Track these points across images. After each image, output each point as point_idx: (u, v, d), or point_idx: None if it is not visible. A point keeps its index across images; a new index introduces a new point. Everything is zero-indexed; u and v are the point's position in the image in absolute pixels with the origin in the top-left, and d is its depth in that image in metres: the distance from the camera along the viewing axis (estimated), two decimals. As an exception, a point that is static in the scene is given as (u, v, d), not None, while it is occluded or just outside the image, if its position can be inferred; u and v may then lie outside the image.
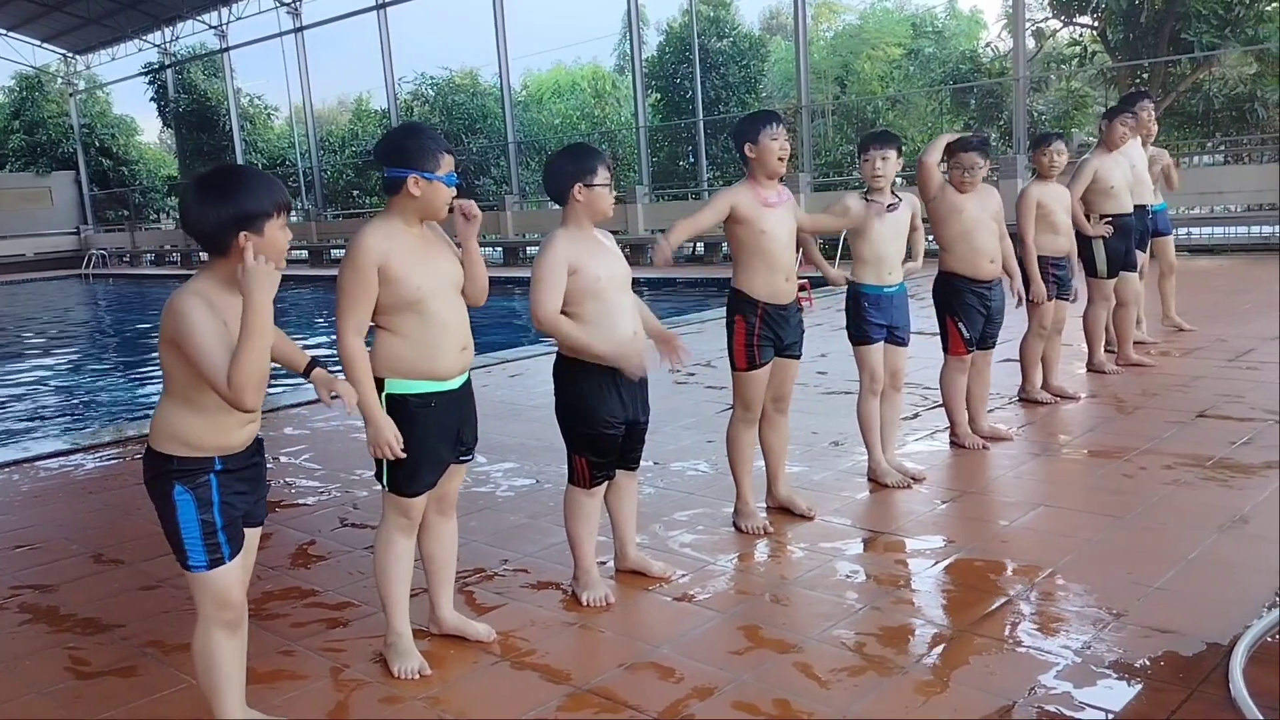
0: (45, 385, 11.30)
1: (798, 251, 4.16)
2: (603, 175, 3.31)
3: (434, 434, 2.95)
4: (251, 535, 2.59)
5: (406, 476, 2.97)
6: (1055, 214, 5.77)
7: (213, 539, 2.42)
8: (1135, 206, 6.55)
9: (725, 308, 4.10)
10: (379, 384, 2.91)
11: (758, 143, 3.92)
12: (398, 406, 2.91)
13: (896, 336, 4.61)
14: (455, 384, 2.98)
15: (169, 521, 2.42)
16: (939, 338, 5.20)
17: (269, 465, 5.51)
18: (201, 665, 2.54)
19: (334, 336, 2.92)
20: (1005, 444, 5.16)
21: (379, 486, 3.05)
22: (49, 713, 2.97)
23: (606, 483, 3.53)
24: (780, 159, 3.93)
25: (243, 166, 2.51)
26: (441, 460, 3.01)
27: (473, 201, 3.03)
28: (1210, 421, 5.30)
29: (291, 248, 2.65)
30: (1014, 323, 6.14)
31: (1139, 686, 2.74)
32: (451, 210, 2.99)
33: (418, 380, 2.91)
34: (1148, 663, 2.85)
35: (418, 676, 3.00)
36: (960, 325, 5.05)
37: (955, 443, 5.17)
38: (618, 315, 3.32)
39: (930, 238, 5.17)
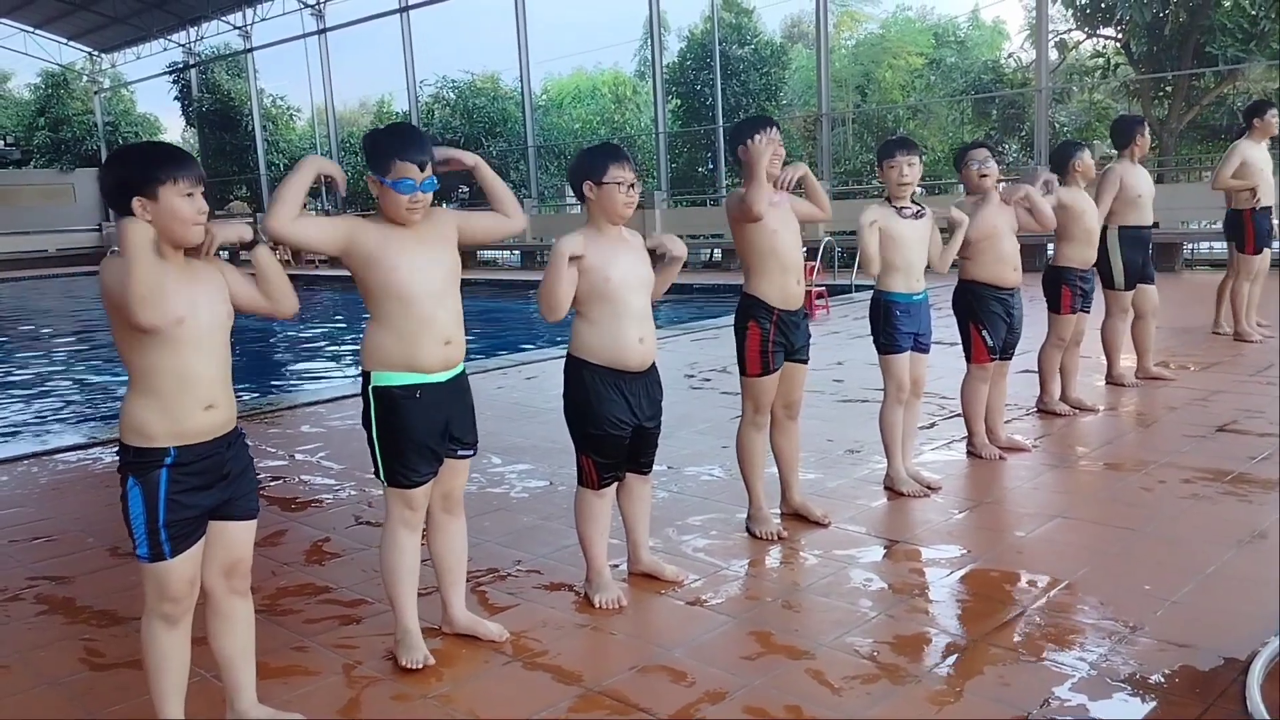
0: (64, 379, 11.38)
1: (807, 256, 4.15)
2: (613, 174, 3.27)
3: (420, 425, 2.96)
4: (240, 529, 2.59)
5: (400, 468, 2.99)
6: (1084, 222, 5.74)
7: (155, 534, 2.41)
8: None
9: (735, 313, 4.09)
10: (366, 378, 2.96)
11: (748, 147, 3.91)
12: (383, 398, 2.94)
13: (921, 344, 4.59)
14: (441, 377, 2.98)
15: (122, 509, 2.44)
16: (960, 347, 5.18)
17: (284, 462, 5.58)
18: (143, 651, 2.55)
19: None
20: (1022, 455, 5.13)
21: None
22: (62, 704, 2.99)
23: (615, 484, 3.53)
24: (769, 159, 3.88)
25: (154, 141, 2.58)
26: (431, 452, 3.01)
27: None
28: (1230, 436, 5.25)
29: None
30: (1032, 333, 6.11)
31: (1154, 701, 2.72)
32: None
33: (401, 372, 2.93)
34: (1163, 677, 2.83)
35: (420, 666, 3.02)
36: (984, 333, 5.02)
37: (972, 452, 5.14)
38: (625, 320, 3.31)
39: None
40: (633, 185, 3.31)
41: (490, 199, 3.18)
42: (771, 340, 3.97)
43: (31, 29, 33.94)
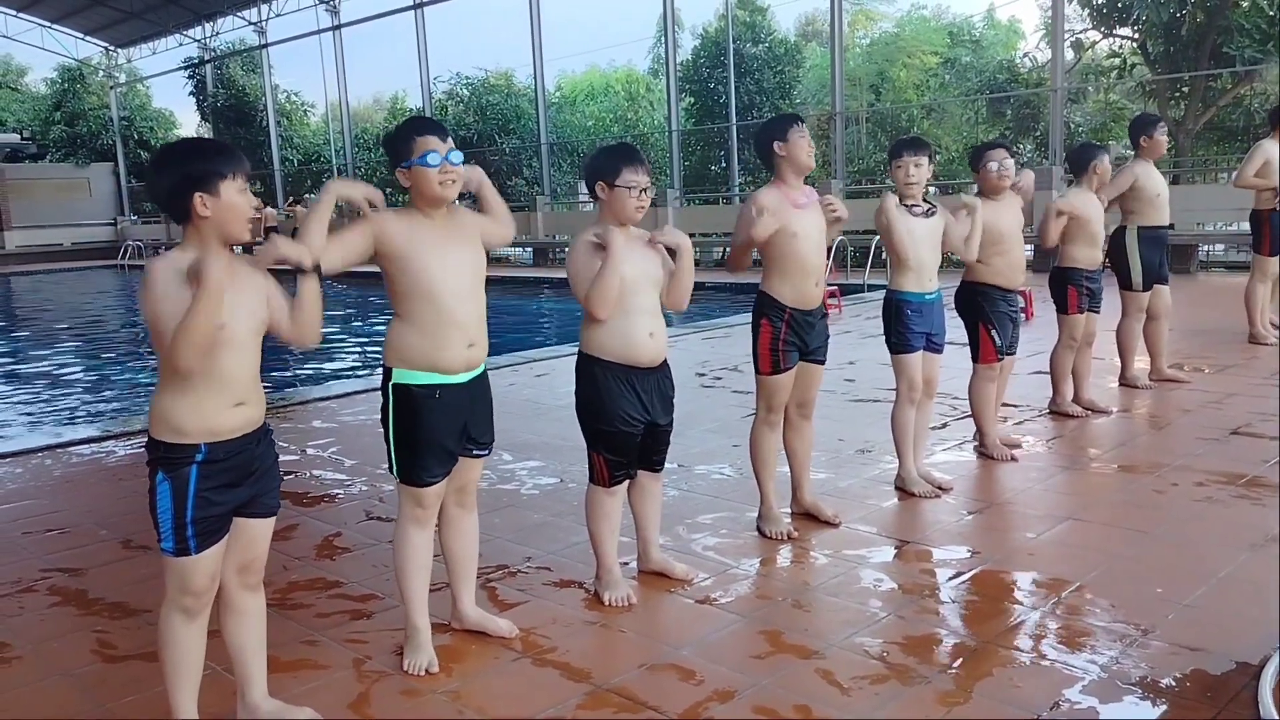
0: (78, 372, 11.44)
1: (828, 256, 4.15)
2: (626, 177, 3.28)
3: (439, 425, 2.96)
4: (260, 525, 2.60)
5: (414, 466, 2.99)
6: (1091, 225, 5.73)
7: (182, 530, 2.42)
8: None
9: (751, 311, 4.08)
10: (387, 374, 2.96)
11: (788, 140, 3.90)
12: (403, 396, 2.94)
13: (934, 344, 4.58)
14: (462, 378, 2.98)
15: (150, 503, 2.45)
16: (968, 348, 5.17)
17: (295, 457, 5.59)
18: (160, 643, 2.56)
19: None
20: (1034, 456, 5.12)
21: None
22: (74, 695, 3.01)
23: (627, 482, 3.53)
24: (809, 155, 3.92)
25: (200, 137, 2.57)
26: (448, 452, 3.01)
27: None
28: (1243, 439, 5.23)
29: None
30: (1045, 335, 6.10)
31: (1165, 705, 2.70)
32: (464, 197, 3.02)
33: (423, 371, 2.92)
34: (1174, 681, 2.81)
35: (423, 672, 3.01)
36: (994, 332, 5.02)
37: (983, 453, 5.13)
38: (636, 316, 3.32)
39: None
40: (645, 189, 3.31)
41: (489, 211, 3.18)
42: (783, 339, 3.96)
43: (49, 24, 34.12)
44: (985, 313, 5.03)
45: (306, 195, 30.65)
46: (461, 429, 3.02)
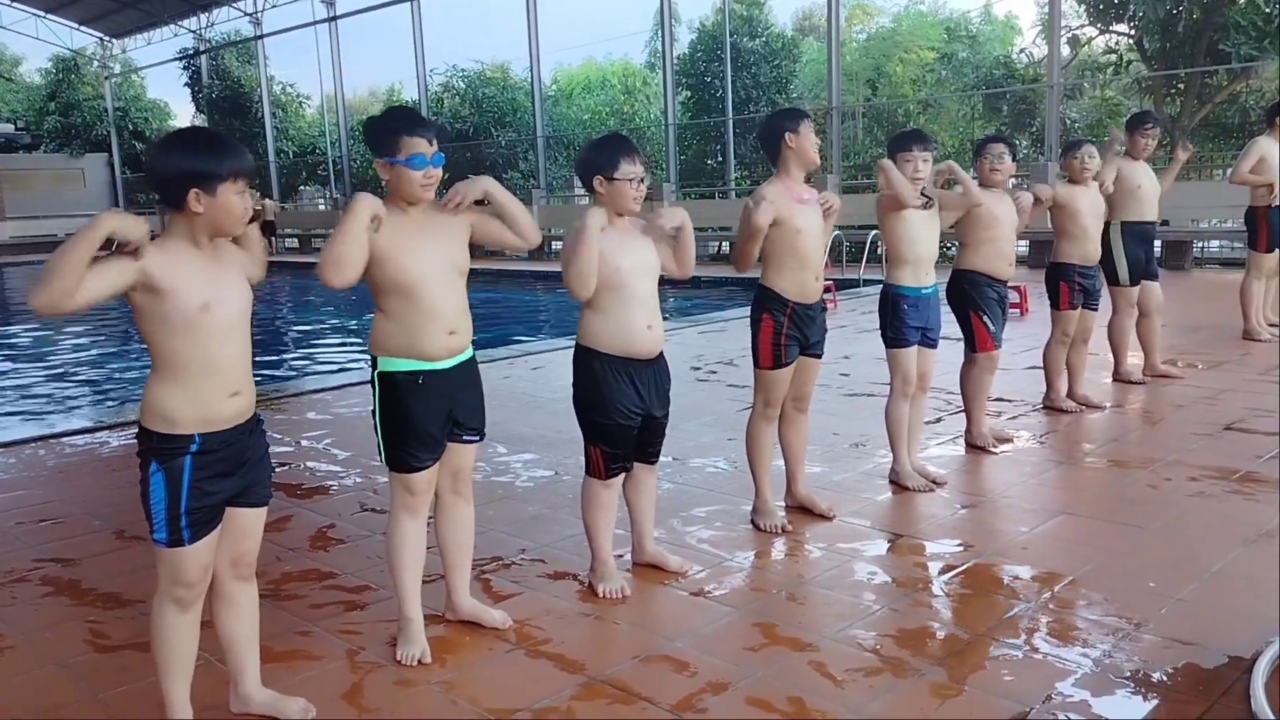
0: (71, 363, 11.41)
1: (826, 251, 4.14)
2: (625, 169, 3.27)
3: (423, 411, 2.97)
4: (252, 516, 2.60)
5: (401, 452, 3.00)
6: (1083, 219, 5.74)
7: (176, 521, 2.42)
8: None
9: (751, 305, 4.08)
10: (374, 364, 3.00)
11: (799, 133, 3.89)
12: (387, 383, 2.97)
13: (928, 339, 4.58)
14: (446, 364, 2.99)
15: (142, 494, 2.44)
16: (962, 339, 5.18)
17: (290, 449, 5.58)
18: (152, 634, 2.56)
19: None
20: (1027, 451, 5.13)
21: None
22: (67, 685, 3.00)
23: (623, 475, 3.53)
24: (816, 151, 3.94)
25: (213, 130, 2.57)
26: (433, 438, 3.01)
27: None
28: (1237, 434, 5.24)
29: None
30: (1042, 330, 6.11)
31: (1157, 699, 2.71)
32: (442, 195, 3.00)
33: (405, 359, 2.94)
34: (1167, 675, 2.82)
35: (416, 663, 3.01)
36: (985, 319, 5.04)
37: (972, 444, 5.14)
38: (634, 308, 3.32)
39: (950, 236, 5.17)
40: (641, 179, 3.32)
41: (506, 221, 3.08)
42: (785, 333, 3.96)
43: (43, 13, 33.96)
44: (974, 300, 5.04)
45: (301, 188, 30.60)
46: (447, 415, 3.02)
